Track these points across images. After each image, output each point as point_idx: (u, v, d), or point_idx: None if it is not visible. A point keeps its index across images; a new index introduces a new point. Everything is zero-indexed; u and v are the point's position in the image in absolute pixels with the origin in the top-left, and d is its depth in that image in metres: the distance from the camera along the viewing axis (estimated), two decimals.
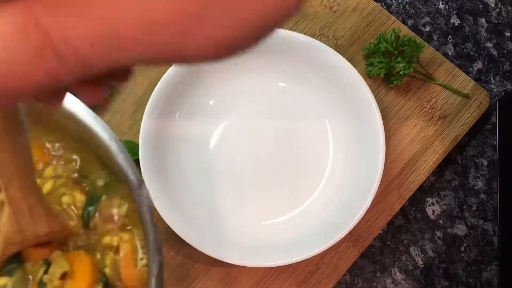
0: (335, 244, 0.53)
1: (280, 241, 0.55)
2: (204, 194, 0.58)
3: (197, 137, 0.59)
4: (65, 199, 0.46)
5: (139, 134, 0.54)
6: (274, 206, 0.58)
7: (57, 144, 0.47)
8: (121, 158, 0.39)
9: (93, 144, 0.43)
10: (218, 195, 0.58)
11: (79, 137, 0.45)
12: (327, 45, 0.58)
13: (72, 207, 0.45)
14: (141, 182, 0.39)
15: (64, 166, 0.46)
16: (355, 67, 0.57)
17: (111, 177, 0.45)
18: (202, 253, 0.52)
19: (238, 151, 0.59)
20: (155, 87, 0.55)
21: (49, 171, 0.47)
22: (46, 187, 0.46)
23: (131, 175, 0.39)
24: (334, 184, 0.58)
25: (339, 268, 0.57)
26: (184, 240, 0.52)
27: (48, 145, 0.47)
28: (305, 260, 0.53)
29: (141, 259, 0.44)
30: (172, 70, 0.56)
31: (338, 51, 0.58)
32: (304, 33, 0.60)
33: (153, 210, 0.38)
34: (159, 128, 0.56)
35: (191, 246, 0.52)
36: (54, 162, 0.47)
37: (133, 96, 0.61)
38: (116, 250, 0.44)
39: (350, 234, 0.56)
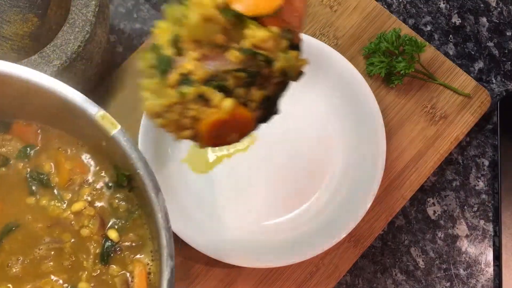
0: (335, 245, 0.53)
1: (280, 242, 0.55)
2: (204, 194, 0.57)
3: None
4: (84, 232, 0.46)
5: (139, 134, 0.54)
6: (275, 206, 0.58)
7: (87, 155, 0.48)
8: (140, 165, 0.41)
9: (110, 151, 0.44)
10: (218, 195, 0.57)
11: (97, 146, 0.46)
12: (327, 44, 0.58)
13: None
14: (158, 189, 0.41)
15: (99, 193, 0.47)
16: (355, 67, 0.57)
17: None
18: (202, 253, 0.52)
19: (238, 151, 0.59)
20: None
21: (86, 190, 0.47)
22: (76, 206, 0.46)
23: (150, 182, 0.41)
24: (334, 184, 0.58)
25: (339, 269, 0.57)
26: (184, 240, 0.52)
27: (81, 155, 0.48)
28: (305, 260, 0.53)
29: (150, 269, 0.45)
30: None
31: (338, 51, 0.58)
32: (304, 33, 0.60)
33: (168, 218, 0.40)
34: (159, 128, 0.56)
35: (191, 246, 0.52)
36: (90, 179, 0.47)
37: (133, 96, 0.60)
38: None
39: (351, 234, 0.56)
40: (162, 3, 0.65)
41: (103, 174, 0.48)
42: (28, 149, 0.48)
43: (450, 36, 0.66)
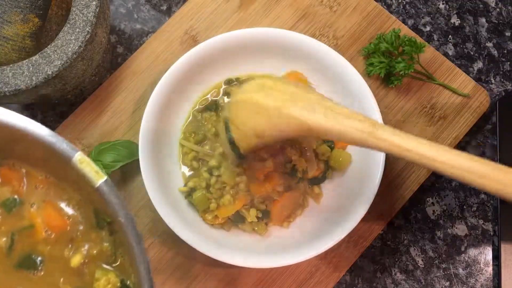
0: (335, 245, 0.53)
1: (280, 242, 0.55)
2: None
3: None
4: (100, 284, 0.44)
5: (138, 134, 0.54)
6: None
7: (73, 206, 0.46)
8: (122, 214, 0.40)
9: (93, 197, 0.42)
10: None
11: (80, 190, 0.45)
12: (327, 45, 0.58)
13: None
14: (140, 239, 0.39)
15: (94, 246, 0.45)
16: (355, 67, 0.57)
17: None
18: (202, 253, 0.52)
19: None
20: (155, 87, 0.55)
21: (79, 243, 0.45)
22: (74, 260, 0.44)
23: (131, 230, 0.39)
24: (334, 184, 0.58)
25: (339, 269, 0.57)
26: (184, 241, 0.52)
27: (63, 205, 0.46)
28: (305, 260, 0.53)
29: None
30: (172, 71, 0.56)
31: (338, 51, 0.58)
32: (304, 33, 0.60)
33: (150, 268, 0.39)
34: (159, 128, 0.56)
35: (191, 246, 0.52)
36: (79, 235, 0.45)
37: (133, 96, 0.61)
38: None
39: (350, 234, 0.56)
40: (162, 4, 0.65)
41: (83, 219, 0.45)
42: (13, 202, 0.45)
43: (450, 36, 0.66)
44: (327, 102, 0.42)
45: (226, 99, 0.58)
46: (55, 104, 0.62)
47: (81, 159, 0.39)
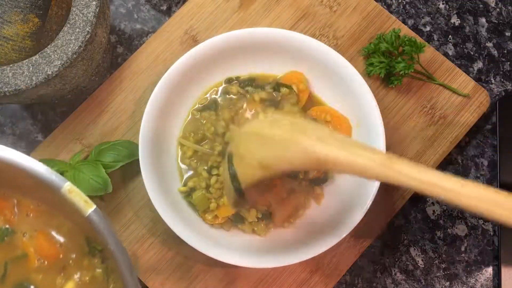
0: (335, 245, 0.53)
1: (280, 242, 0.55)
2: None
3: None
4: None
5: (138, 134, 0.54)
6: None
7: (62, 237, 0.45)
8: (112, 241, 0.39)
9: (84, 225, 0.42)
10: None
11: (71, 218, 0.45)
12: (327, 45, 0.58)
13: None
14: (131, 269, 0.39)
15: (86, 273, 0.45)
16: (355, 67, 0.57)
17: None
18: (202, 253, 0.52)
19: None
20: (155, 87, 0.55)
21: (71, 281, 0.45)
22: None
23: (123, 262, 0.39)
24: (334, 184, 0.58)
25: (339, 268, 0.57)
26: (184, 241, 0.52)
27: (54, 234, 0.46)
28: (305, 260, 0.53)
29: None
30: (172, 71, 0.56)
31: (338, 51, 0.58)
32: (304, 33, 0.60)
33: None
34: (159, 128, 0.56)
35: (191, 246, 0.52)
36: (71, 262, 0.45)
37: (133, 96, 0.61)
38: None
39: (350, 234, 0.56)
40: (162, 4, 0.65)
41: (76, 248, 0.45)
42: (5, 232, 0.45)
43: (450, 36, 0.66)
44: (338, 135, 0.41)
45: (226, 96, 0.58)
46: (55, 104, 0.62)
47: (70, 189, 0.39)
